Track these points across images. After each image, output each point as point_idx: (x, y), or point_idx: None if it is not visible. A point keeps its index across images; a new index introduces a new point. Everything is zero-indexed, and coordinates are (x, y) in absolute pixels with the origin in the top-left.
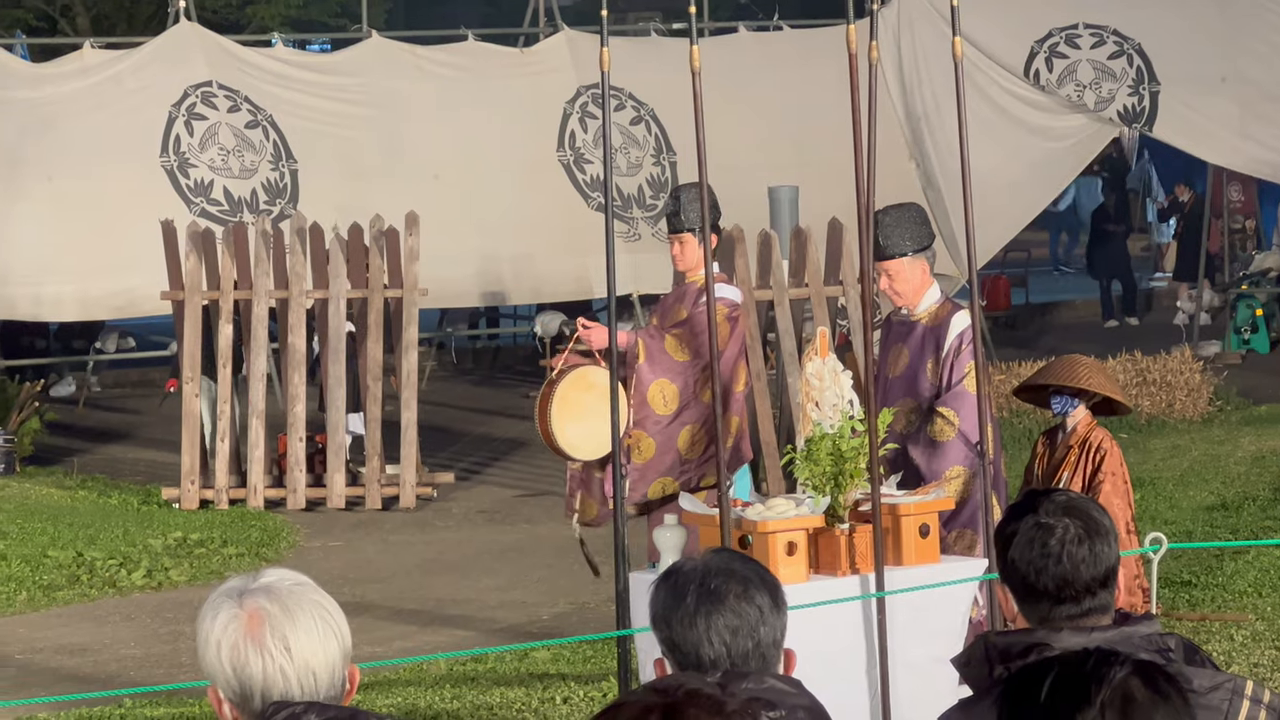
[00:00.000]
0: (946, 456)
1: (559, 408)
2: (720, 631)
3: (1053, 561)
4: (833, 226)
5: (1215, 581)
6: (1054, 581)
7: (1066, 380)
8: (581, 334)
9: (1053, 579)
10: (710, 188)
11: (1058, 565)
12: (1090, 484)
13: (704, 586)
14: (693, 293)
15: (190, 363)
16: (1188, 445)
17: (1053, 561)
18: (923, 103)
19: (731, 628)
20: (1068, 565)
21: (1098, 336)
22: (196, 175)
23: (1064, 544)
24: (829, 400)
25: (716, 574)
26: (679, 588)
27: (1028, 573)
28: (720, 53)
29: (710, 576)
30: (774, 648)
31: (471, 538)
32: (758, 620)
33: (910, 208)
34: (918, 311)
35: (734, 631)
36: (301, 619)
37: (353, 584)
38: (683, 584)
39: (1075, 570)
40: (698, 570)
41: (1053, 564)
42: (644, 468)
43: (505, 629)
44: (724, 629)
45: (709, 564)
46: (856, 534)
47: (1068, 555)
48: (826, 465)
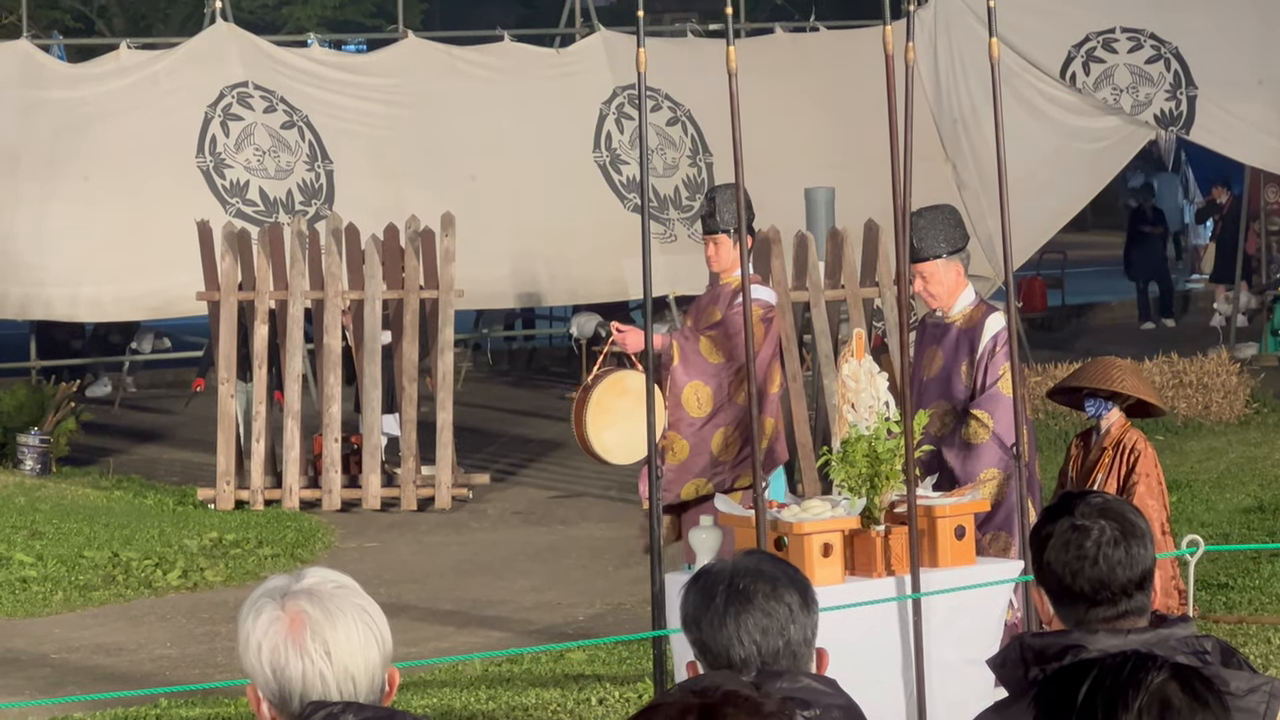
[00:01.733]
0: (981, 459)
1: (594, 414)
2: (750, 631)
3: (1089, 564)
4: (869, 228)
5: (1252, 584)
6: (1090, 584)
7: (1100, 383)
8: (616, 338)
9: (1089, 581)
10: (746, 189)
11: (1094, 567)
12: (1125, 486)
13: (732, 587)
14: (727, 294)
15: (226, 364)
16: (1224, 447)
17: (1089, 564)
18: (959, 104)
19: (761, 627)
20: (1104, 567)
21: (1134, 338)
22: (232, 176)
23: (1100, 546)
24: (865, 402)
25: (745, 574)
26: (708, 589)
27: (1063, 575)
28: (757, 53)
29: (739, 577)
30: (805, 646)
31: (507, 539)
32: (787, 619)
33: (944, 209)
34: (952, 314)
35: (764, 631)
36: (342, 623)
37: (388, 585)
38: (711, 585)
39: (1111, 572)
40: (726, 571)
41: (1089, 566)
42: (678, 469)
43: (540, 630)
44: (754, 628)
45: (737, 565)
46: (892, 536)
47: (1104, 557)
48: (862, 467)
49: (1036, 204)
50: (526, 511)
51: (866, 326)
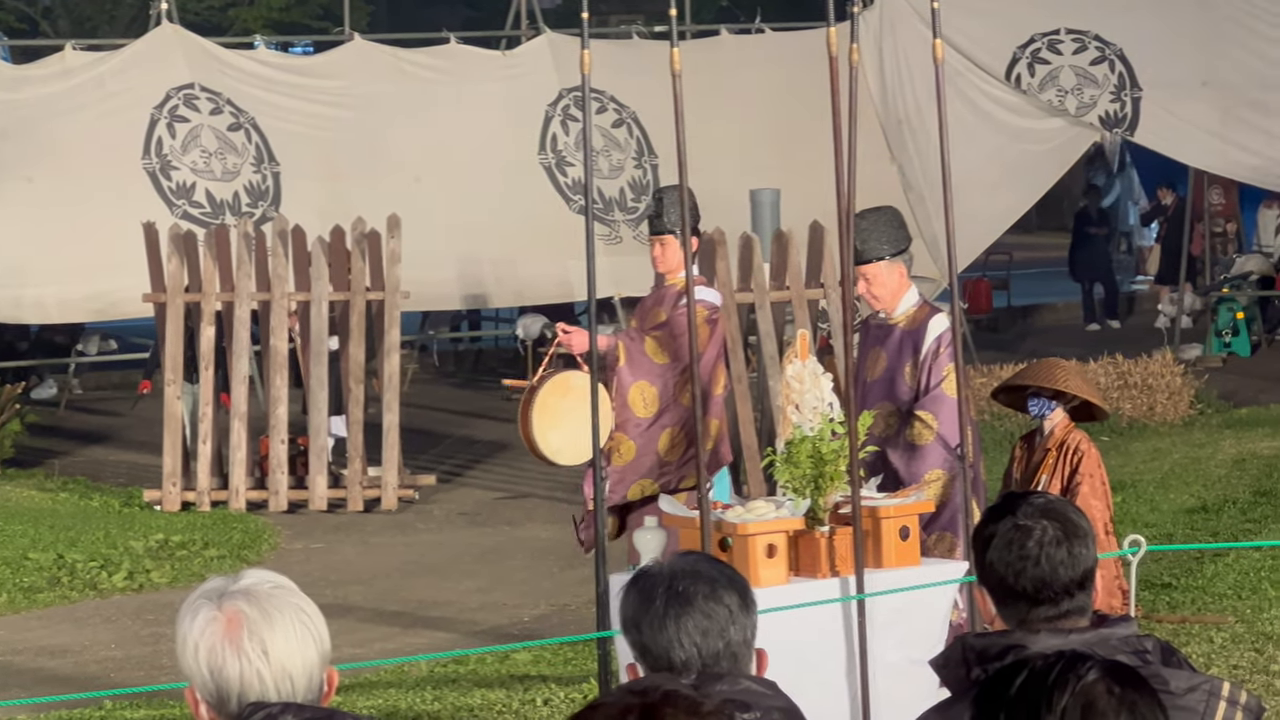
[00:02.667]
0: (925, 460)
1: (540, 415)
2: (690, 633)
3: (1031, 563)
4: (814, 229)
5: (1195, 584)
6: (1032, 583)
7: (1044, 382)
8: (562, 339)
9: (1031, 581)
10: (691, 190)
11: (1036, 567)
12: (1069, 486)
13: (672, 589)
14: (672, 295)
15: (172, 365)
16: (1168, 448)
17: (1031, 563)
18: (904, 106)
19: (701, 629)
20: (1046, 567)
21: (1079, 339)
22: (179, 178)
23: (1042, 546)
24: (809, 403)
25: (684, 576)
26: (647, 591)
27: (1006, 574)
28: (702, 55)
29: (677, 579)
30: (745, 647)
31: (453, 540)
32: (727, 620)
33: (886, 211)
34: (895, 315)
35: (704, 633)
36: (280, 623)
37: (334, 586)
38: (651, 587)
39: (1053, 572)
40: (665, 573)
41: (1031, 566)
42: (624, 470)
43: (486, 631)
44: (694, 630)
45: (675, 567)
46: (837, 536)
47: (1046, 557)
48: (807, 468)
49: (982, 205)
50: (472, 513)
51: (811, 328)
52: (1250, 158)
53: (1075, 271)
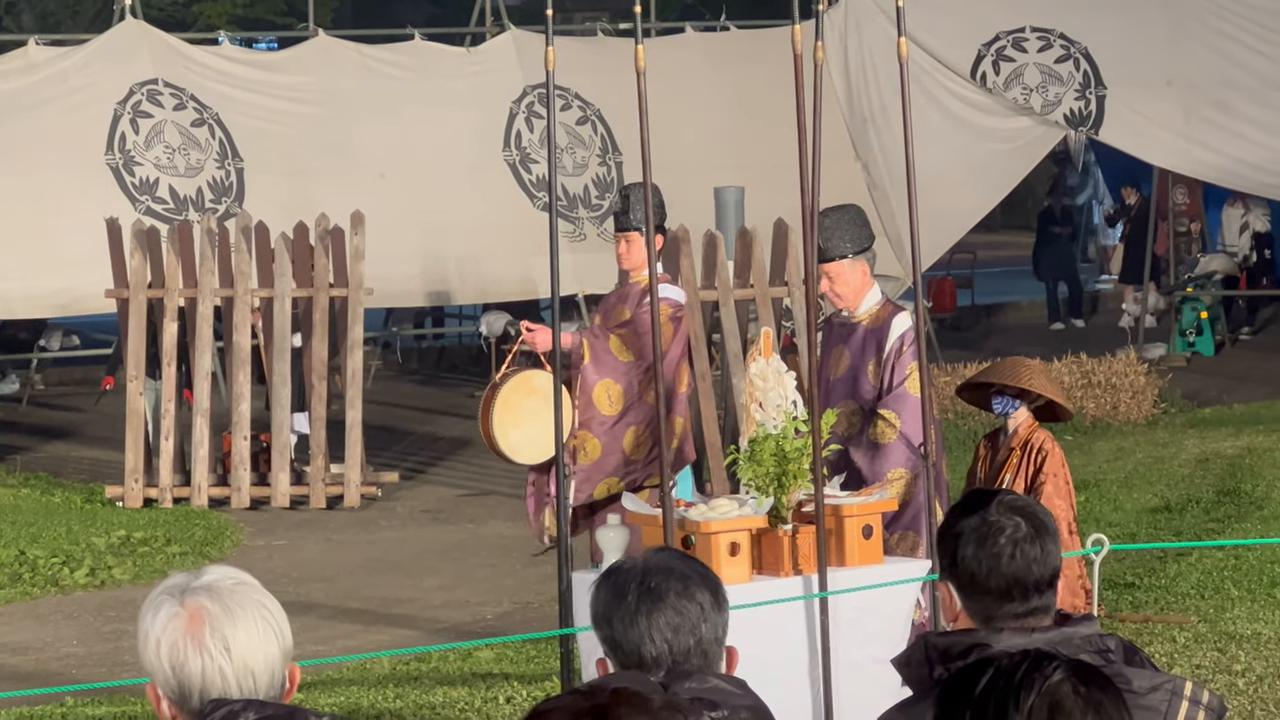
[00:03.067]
0: (888, 459)
1: (501, 413)
2: (661, 630)
3: (1005, 560)
4: (778, 227)
5: (1158, 583)
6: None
7: (1009, 380)
8: (525, 336)
9: (1003, 577)
10: (656, 188)
11: (1010, 563)
12: (1032, 485)
13: (644, 585)
14: (636, 293)
15: (135, 361)
16: (1132, 448)
17: (1005, 560)
18: (869, 104)
19: (673, 625)
20: (1019, 563)
21: (1043, 338)
22: (142, 173)
23: (1016, 543)
24: (772, 401)
25: (657, 572)
26: (620, 586)
27: (978, 570)
28: (666, 53)
29: (650, 575)
30: (716, 645)
31: (415, 537)
32: (699, 618)
33: (850, 209)
34: (858, 313)
35: (675, 629)
36: (242, 619)
37: (296, 583)
38: (623, 583)
39: (1026, 569)
40: (638, 569)
41: (1005, 562)
42: (590, 469)
43: (449, 628)
44: (665, 627)
45: (649, 562)
46: (799, 535)
47: (1020, 554)
48: (770, 466)
49: (946, 204)
50: (435, 510)
51: (775, 326)
52: (1214, 157)
53: (1039, 270)
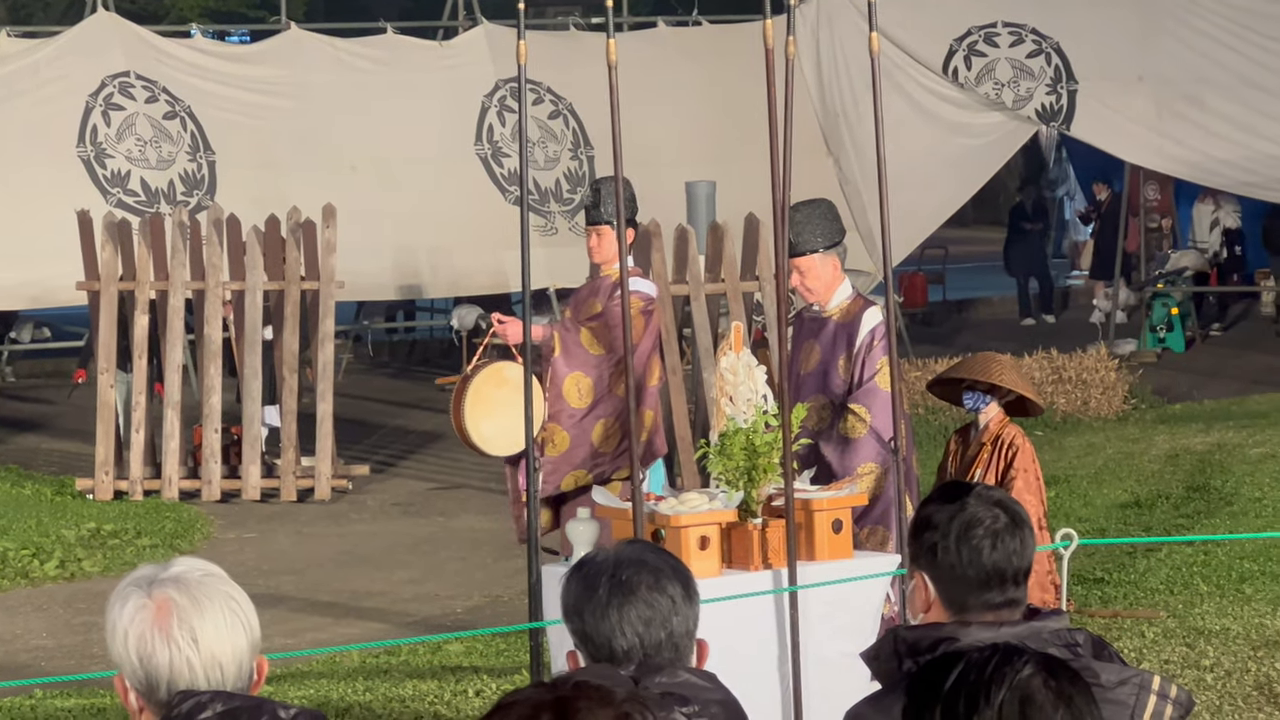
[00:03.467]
0: (858, 453)
1: (473, 404)
2: (633, 623)
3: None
4: (749, 222)
5: (1128, 579)
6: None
7: (979, 375)
8: (497, 329)
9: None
10: (628, 181)
11: (991, 554)
12: (1003, 480)
13: (615, 578)
14: (607, 286)
15: (106, 354)
16: (1102, 443)
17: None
18: (841, 99)
19: (644, 619)
20: (1000, 554)
21: (1014, 334)
22: (113, 166)
23: (996, 534)
24: (743, 395)
25: (628, 565)
26: (590, 579)
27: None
28: (639, 47)
29: (622, 567)
30: (687, 638)
31: (386, 530)
32: (670, 610)
33: (821, 204)
34: (829, 308)
35: (646, 622)
36: (210, 610)
37: (267, 576)
38: (594, 575)
39: (1006, 560)
40: (609, 561)
41: (986, 553)
42: (558, 461)
43: (418, 621)
44: (636, 620)
45: (620, 555)
46: (769, 529)
47: (1000, 544)
48: (740, 460)
49: (918, 199)
50: (406, 503)
51: (746, 320)
52: (1186, 153)
53: (1010, 266)
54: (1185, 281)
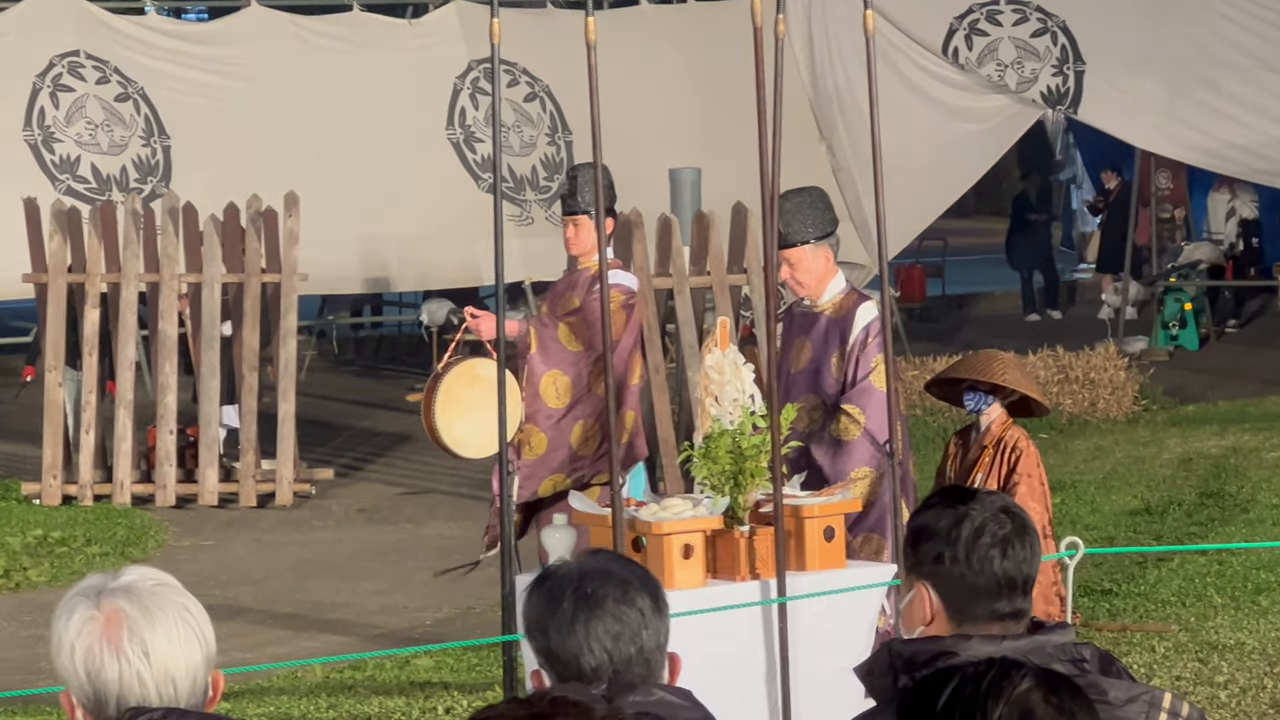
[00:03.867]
0: (852, 456)
1: (444, 404)
2: (600, 638)
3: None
4: (737, 211)
5: (1137, 590)
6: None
7: (980, 375)
8: (470, 324)
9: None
10: (607, 168)
11: (1003, 561)
12: (1005, 486)
13: (580, 591)
14: (586, 279)
15: (54, 350)
16: (1111, 446)
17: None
18: (834, 81)
19: (613, 633)
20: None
21: (1018, 330)
22: (62, 150)
23: (1005, 540)
24: (729, 395)
25: (593, 577)
26: (554, 593)
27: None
28: (619, 26)
29: (587, 580)
30: (658, 652)
31: (351, 538)
32: (640, 624)
33: (813, 192)
34: (821, 302)
35: (615, 637)
36: (162, 622)
37: (224, 586)
38: (558, 589)
39: (1016, 567)
40: (573, 574)
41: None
42: (535, 464)
43: (385, 634)
44: (604, 635)
45: (585, 567)
46: (757, 537)
47: (1010, 551)
48: (726, 464)
49: (916, 187)
50: (372, 509)
51: (733, 315)
52: (1201, 139)
53: (1014, 258)
54: (1199, 275)
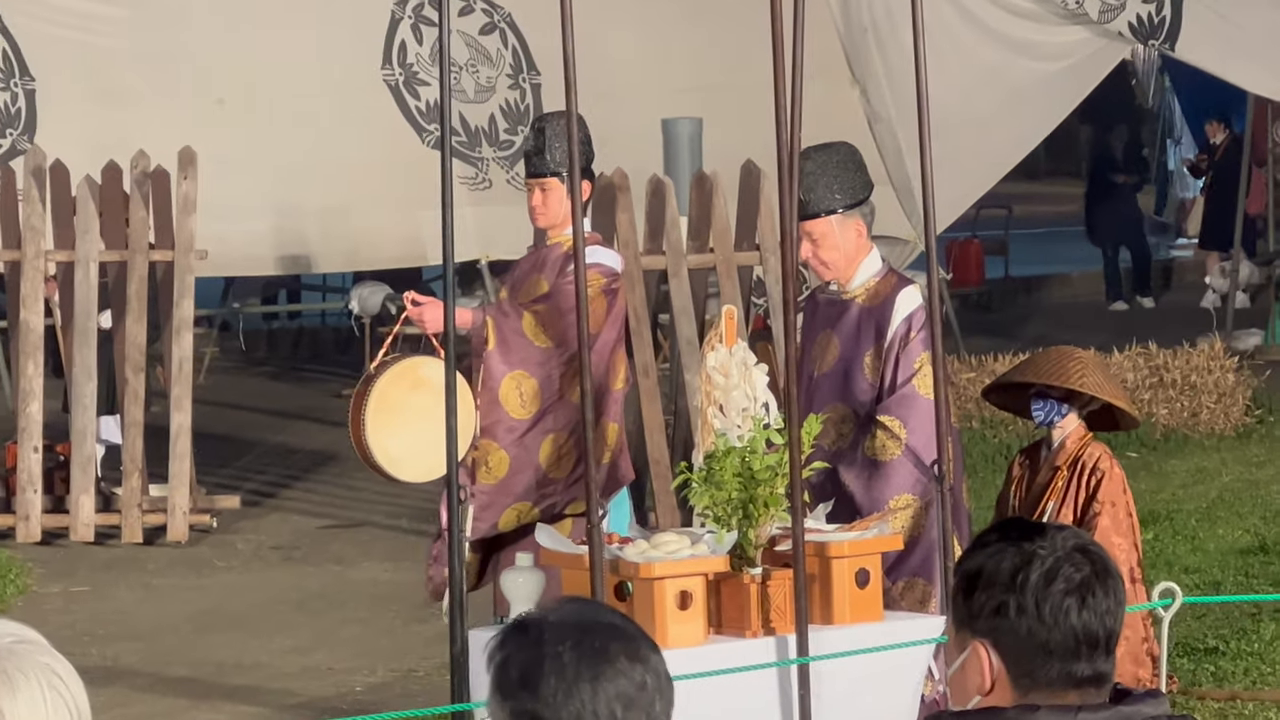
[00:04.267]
0: (891, 481)
1: (377, 413)
2: (610, 702)
3: (1074, 609)
4: (747, 173)
5: (1250, 648)
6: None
7: (1052, 379)
8: (411, 313)
9: (1071, 633)
10: (583, 119)
11: (1081, 612)
12: (1083, 517)
13: (585, 644)
14: (557, 258)
15: None
16: (1217, 468)
17: (1074, 609)
18: (870, 9)
19: (624, 698)
20: (1090, 615)
21: (1100, 322)
22: None
23: (1083, 587)
24: (736, 403)
25: (595, 629)
26: (548, 644)
27: (1036, 626)
28: None
29: (590, 630)
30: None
31: (262, 582)
32: (654, 689)
33: (841, 149)
34: (851, 287)
35: (627, 704)
36: (24, 688)
37: (102, 642)
38: (553, 639)
39: (1098, 621)
40: (568, 622)
41: (1075, 612)
42: (494, 490)
43: (305, 703)
44: (615, 699)
45: (581, 615)
46: (772, 582)
47: (1087, 604)
48: (733, 490)
49: (972, 142)
50: (289, 546)
51: (743, 303)
52: None
53: (1095, 232)
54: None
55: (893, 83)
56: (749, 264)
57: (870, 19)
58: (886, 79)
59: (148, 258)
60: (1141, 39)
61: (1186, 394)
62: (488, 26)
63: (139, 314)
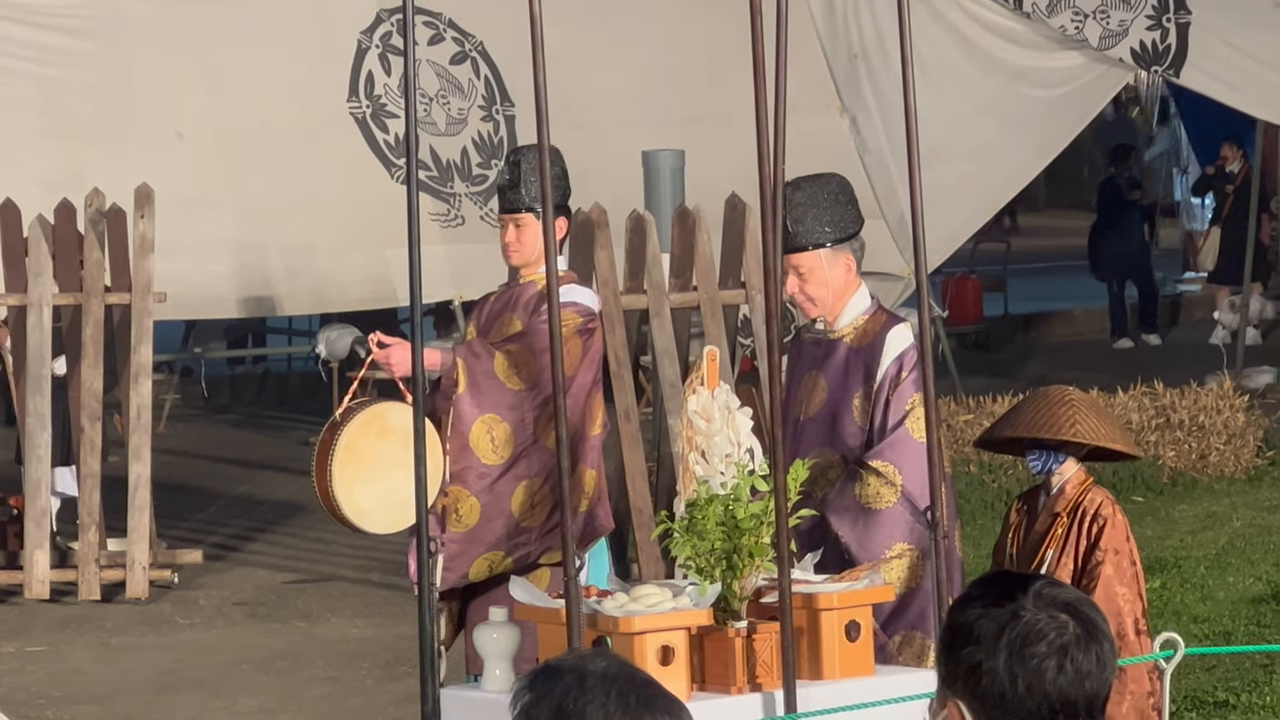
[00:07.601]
0: (883, 529)
1: (344, 463)
2: None
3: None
4: (731, 207)
5: (1261, 701)
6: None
7: (1042, 431)
8: (377, 355)
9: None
10: (558, 152)
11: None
12: (1085, 566)
13: (629, 696)
14: (531, 297)
15: None
16: (1227, 513)
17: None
18: (859, 34)
19: None
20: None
21: (1103, 361)
22: None
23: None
24: (719, 449)
25: (634, 681)
26: (592, 691)
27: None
28: None
29: (630, 684)
30: None
31: (226, 640)
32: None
33: (832, 181)
34: (838, 326)
35: None
36: None
37: (59, 705)
38: (595, 686)
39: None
40: (600, 670)
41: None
42: (464, 539)
43: None
44: None
45: (611, 667)
46: (758, 636)
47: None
48: (716, 539)
49: (968, 173)
50: (254, 602)
51: (729, 343)
52: None
53: (1099, 265)
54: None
55: (884, 112)
56: (734, 302)
57: (860, 46)
58: (877, 108)
59: (104, 301)
60: (1145, 65)
61: (1195, 435)
62: (459, 56)
63: (95, 360)
